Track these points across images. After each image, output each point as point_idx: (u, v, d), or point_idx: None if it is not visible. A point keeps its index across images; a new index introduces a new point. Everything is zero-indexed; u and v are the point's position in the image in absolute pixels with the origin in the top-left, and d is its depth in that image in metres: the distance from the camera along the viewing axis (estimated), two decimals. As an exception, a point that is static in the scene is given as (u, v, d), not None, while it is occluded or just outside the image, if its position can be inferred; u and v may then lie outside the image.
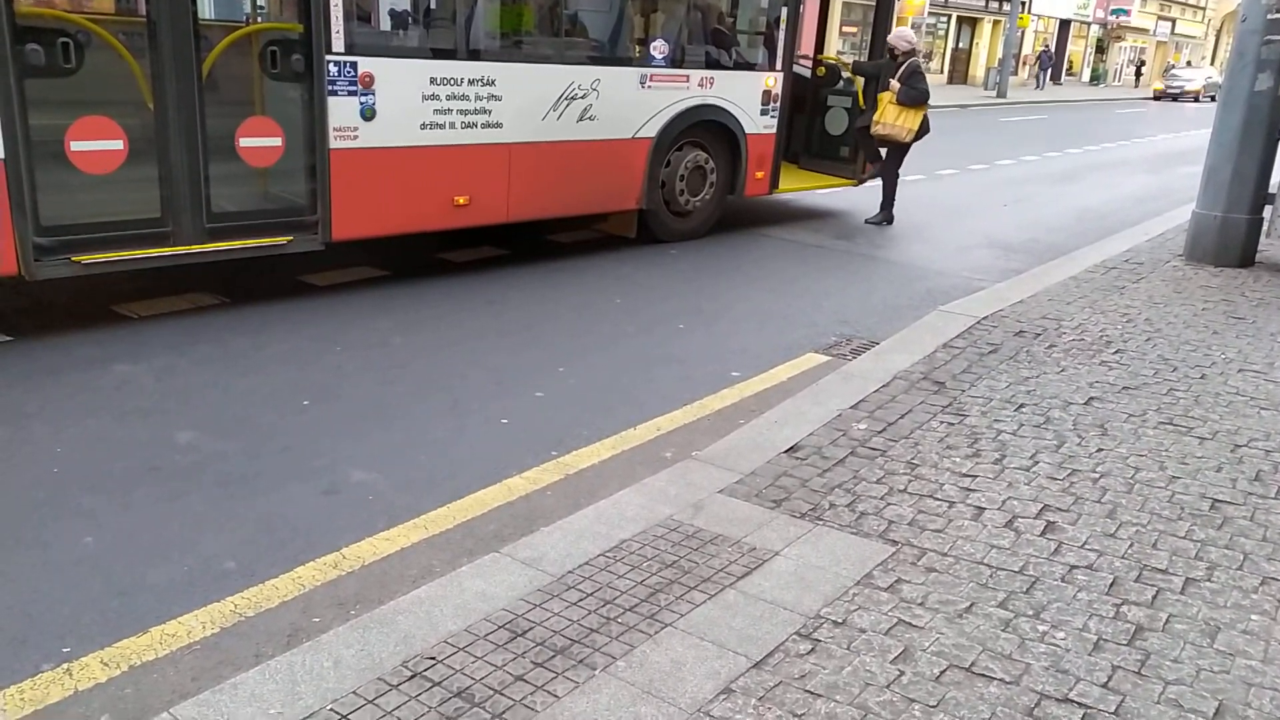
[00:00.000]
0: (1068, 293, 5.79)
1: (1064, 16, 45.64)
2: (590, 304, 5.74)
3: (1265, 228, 6.65)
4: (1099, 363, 4.51)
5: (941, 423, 3.85)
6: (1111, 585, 2.67)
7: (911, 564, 2.82)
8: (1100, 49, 49.28)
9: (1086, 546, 2.87)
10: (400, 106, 5.38)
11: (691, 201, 7.45)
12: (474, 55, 5.74)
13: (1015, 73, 40.17)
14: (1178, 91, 38.16)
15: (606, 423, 4.01)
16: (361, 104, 5.20)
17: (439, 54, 5.58)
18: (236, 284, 5.49)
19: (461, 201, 5.84)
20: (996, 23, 39.32)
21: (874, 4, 9.42)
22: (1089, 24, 48.27)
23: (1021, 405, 4.00)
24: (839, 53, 33.50)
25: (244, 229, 4.95)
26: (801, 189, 8.80)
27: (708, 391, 4.44)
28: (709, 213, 7.67)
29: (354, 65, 5.11)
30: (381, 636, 2.40)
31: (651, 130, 6.90)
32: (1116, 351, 4.67)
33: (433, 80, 5.49)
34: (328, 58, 4.99)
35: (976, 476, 3.36)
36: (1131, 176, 13.54)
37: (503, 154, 6.00)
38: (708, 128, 7.37)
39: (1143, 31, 53.65)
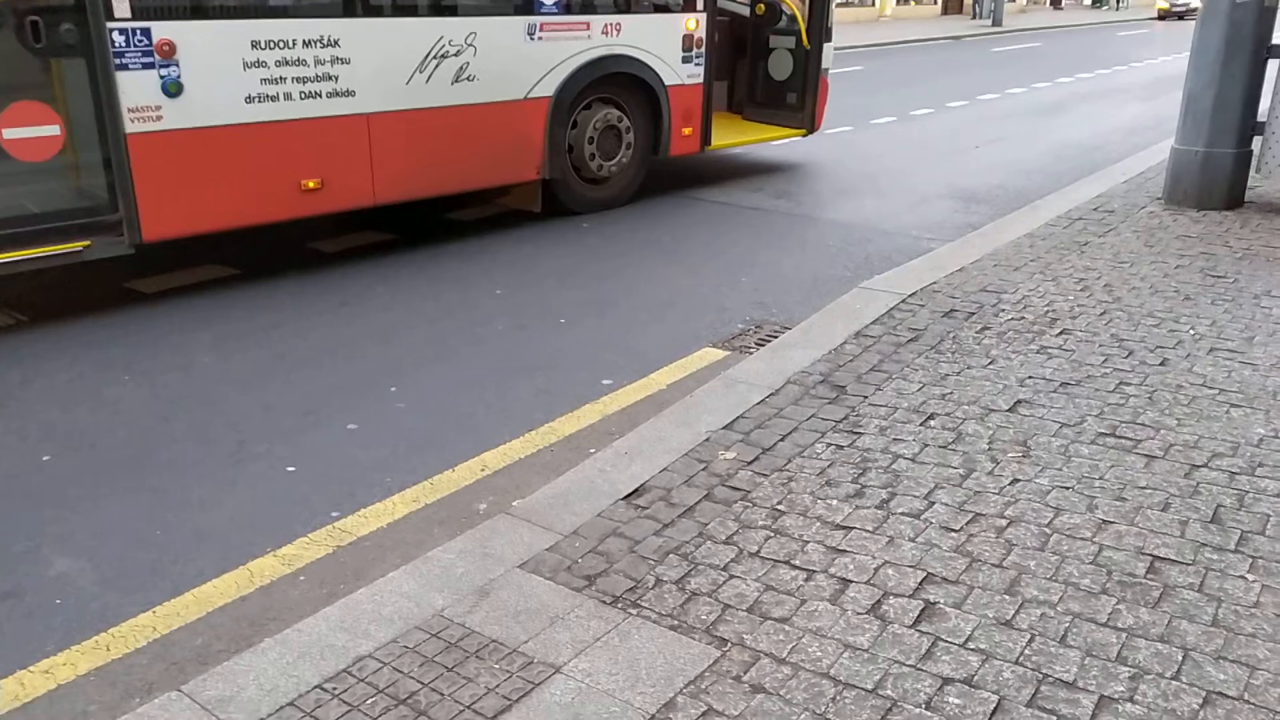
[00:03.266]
0: (1019, 255, 4.96)
1: (1062, -64, 43.67)
2: (465, 299, 4.95)
3: (1254, 162, 5.77)
4: (1037, 349, 3.70)
5: (829, 446, 3.08)
6: (992, 715, 1.91)
7: (734, 680, 2.07)
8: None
9: (970, 645, 2.11)
10: (214, 78, 4.56)
11: (605, 166, 6.60)
12: (307, 11, 4.89)
13: (1012, -1, 38.51)
14: (1183, 10, 36.41)
15: (422, 462, 3.26)
16: (163, 78, 4.39)
17: (260, 11, 4.73)
18: (44, 298, 4.75)
19: (311, 185, 5.03)
20: (990, -53, 37.48)
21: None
22: (1089, -57, 46.20)
23: (931, 416, 3.21)
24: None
25: (22, 237, 4.18)
26: (740, 143, 7.92)
27: (565, 409, 3.68)
28: (629, 178, 6.83)
29: (147, 32, 4.29)
30: None
31: (548, 88, 6.05)
32: (1061, 333, 3.86)
33: (254, 44, 4.65)
34: (110, 25, 4.17)
35: (852, 529, 2.59)
36: (1124, 106, 12.52)
37: (359, 126, 5.17)
38: (619, 81, 6.50)
39: (1146, -52, 51.40)
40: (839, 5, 33.57)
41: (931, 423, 3.16)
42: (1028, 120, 11.11)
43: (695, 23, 6.81)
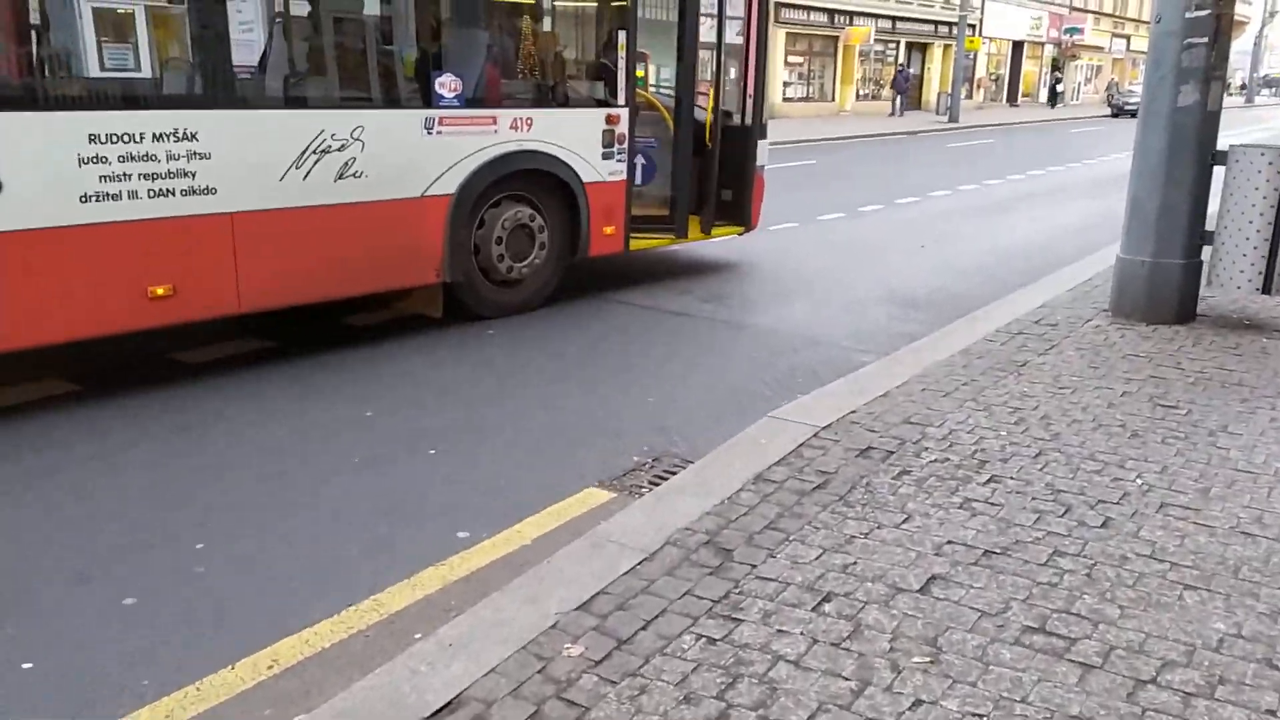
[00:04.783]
0: (951, 377, 4.46)
1: (1016, 38, 45.13)
2: (328, 422, 4.35)
3: (1205, 274, 5.38)
4: (960, 502, 3.16)
5: (699, 639, 2.48)
6: None
7: None
8: (1056, 68, 48.70)
9: None
10: (40, 175, 4.02)
11: (516, 268, 6.11)
12: (159, 102, 4.41)
13: (970, 96, 39.49)
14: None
15: (197, 655, 2.62)
16: (-26, 175, 3.86)
17: (100, 102, 4.24)
18: None
19: (160, 292, 4.46)
20: (947, 47, 38.61)
21: (823, 33, 8.13)
22: (1043, 44, 47.82)
23: (827, 597, 2.63)
24: (785, 83, 32.64)
25: None
26: (671, 242, 7.48)
27: (402, 575, 3.06)
28: (543, 280, 6.33)
29: (-46, 124, 3.78)
30: None
31: (449, 185, 5.58)
32: (990, 480, 3.32)
33: (92, 138, 4.14)
34: (-94, 116, 3.65)
35: (702, 776, 1.99)
36: (1072, 203, 12.37)
37: (221, 227, 4.64)
38: (532, 178, 6.06)
39: (1098, 50, 53.40)
40: (800, 100, 34.17)
41: (826, 607, 2.58)
42: (976, 219, 10.87)
43: (616, 118, 6.43)
